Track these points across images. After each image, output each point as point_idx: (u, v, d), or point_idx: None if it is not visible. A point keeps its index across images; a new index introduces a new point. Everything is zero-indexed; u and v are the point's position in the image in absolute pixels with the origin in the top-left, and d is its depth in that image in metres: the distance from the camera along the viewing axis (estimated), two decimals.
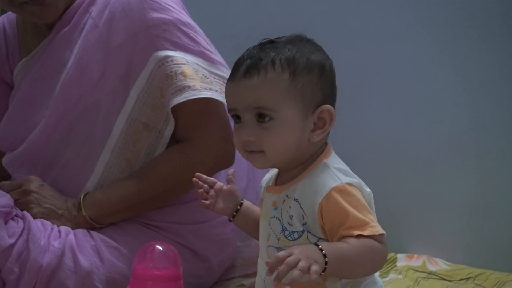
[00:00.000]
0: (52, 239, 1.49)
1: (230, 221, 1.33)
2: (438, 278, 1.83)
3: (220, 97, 1.55)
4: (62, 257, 1.49)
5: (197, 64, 1.58)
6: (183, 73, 1.55)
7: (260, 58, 1.17)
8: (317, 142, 1.20)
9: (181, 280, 1.21)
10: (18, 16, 1.73)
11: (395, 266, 1.92)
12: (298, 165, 1.20)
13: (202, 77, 1.57)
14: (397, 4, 2.03)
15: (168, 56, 1.56)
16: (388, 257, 1.95)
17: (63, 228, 1.54)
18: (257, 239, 1.29)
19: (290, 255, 1.04)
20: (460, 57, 1.95)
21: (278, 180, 1.24)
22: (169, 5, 1.61)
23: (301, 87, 1.17)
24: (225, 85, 1.23)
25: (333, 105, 1.20)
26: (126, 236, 1.58)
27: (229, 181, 1.32)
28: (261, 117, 1.16)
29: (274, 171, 1.27)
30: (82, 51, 1.59)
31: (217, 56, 1.64)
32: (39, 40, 1.69)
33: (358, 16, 2.07)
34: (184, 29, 1.60)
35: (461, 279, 1.82)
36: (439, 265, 1.91)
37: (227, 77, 1.22)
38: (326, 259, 1.07)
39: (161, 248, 1.21)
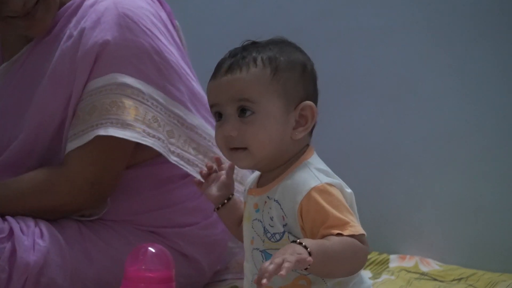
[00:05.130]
0: (37, 237, 1.49)
1: (214, 210, 1.32)
2: (430, 278, 1.83)
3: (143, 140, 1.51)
4: (49, 253, 1.49)
5: (153, 99, 1.54)
6: (124, 109, 1.51)
7: (242, 56, 1.20)
8: (299, 142, 1.21)
9: (173, 282, 1.22)
10: None
11: (388, 267, 1.92)
12: (280, 165, 1.21)
13: (148, 120, 1.53)
14: (390, 2, 2.03)
15: (124, 84, 1.52)
16: (381, 258, 1.96)
17: (44, 226, 1.52)
18: (237, 237, 1.31)
19: (271, 263, 1.03)
20: (452, 57, 1.96)
21: (260, 182, 1.24)
22: (147, 29, 1.56)
23: (283, 82, 1.19)
24: (176, 125, 1.30)
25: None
26: (117, 238, 1.58)
27: (228, 173, 1.31)
28: (243, 111, 1.18)
29: (256, 174, 1.27)
30: (56, 62, 1.55)
31: (181, 94, 1.59)
32: (22, 44, 1.65)
33: (350, 15, 2.08)
34: (155, 57, 1.56)
35: (453, 280, 1.82)
36: (431, 265, 1.92)
37: (184, 116, 1.20)
38: (308, 249, 1.06)
39: (153, 250, 1.22)
